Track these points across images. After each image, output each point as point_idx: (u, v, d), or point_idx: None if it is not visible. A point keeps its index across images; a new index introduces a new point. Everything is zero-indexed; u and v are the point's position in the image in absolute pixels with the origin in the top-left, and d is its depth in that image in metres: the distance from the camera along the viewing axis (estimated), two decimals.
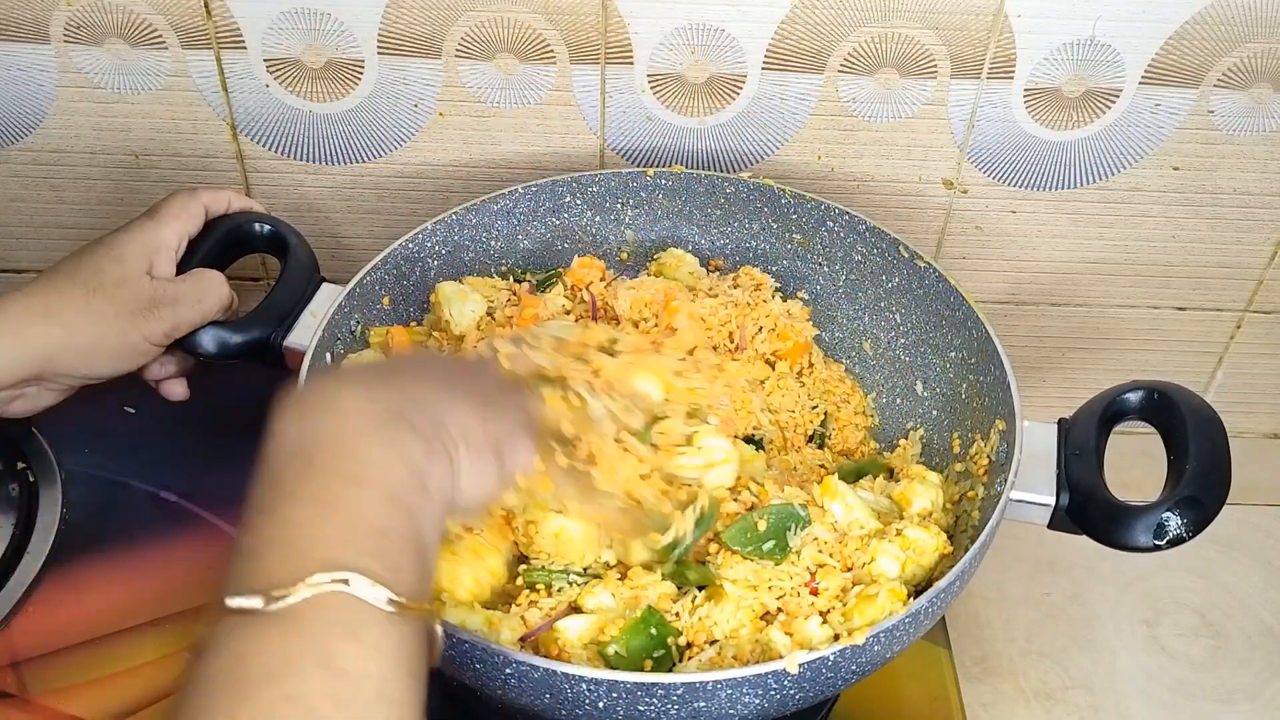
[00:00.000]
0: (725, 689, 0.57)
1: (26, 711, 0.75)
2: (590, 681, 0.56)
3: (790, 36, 0.82)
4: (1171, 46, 0.82)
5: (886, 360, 0.84)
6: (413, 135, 0.88)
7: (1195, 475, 0.66)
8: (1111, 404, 0.71)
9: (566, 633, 0.63)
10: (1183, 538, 0.65)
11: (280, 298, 0.78)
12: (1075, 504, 0.68)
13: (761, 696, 0.58)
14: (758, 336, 0.82)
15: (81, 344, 0.71)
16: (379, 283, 0.79)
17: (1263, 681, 0.84)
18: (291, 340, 0.76)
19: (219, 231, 0.79)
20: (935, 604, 0.61)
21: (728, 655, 0.63)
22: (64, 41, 0.83)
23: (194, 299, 0.74)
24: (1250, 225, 0.91)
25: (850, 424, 0.83)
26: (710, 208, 0.87)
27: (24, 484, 0.86)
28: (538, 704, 0.59)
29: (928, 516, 0.70)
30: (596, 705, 0.58)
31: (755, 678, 0.57)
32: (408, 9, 0.81)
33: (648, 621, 0.62)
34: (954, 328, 0.78)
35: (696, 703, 0.57)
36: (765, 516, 0.66)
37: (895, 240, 0.81)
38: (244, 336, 0.76)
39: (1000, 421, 0.72)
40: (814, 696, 0.61)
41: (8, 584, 0.80)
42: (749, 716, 0.60)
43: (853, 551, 0.67)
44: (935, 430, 0.80)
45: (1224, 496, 0.66)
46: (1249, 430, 1.03)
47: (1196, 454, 0.67)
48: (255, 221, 0.81)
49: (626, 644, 0.61)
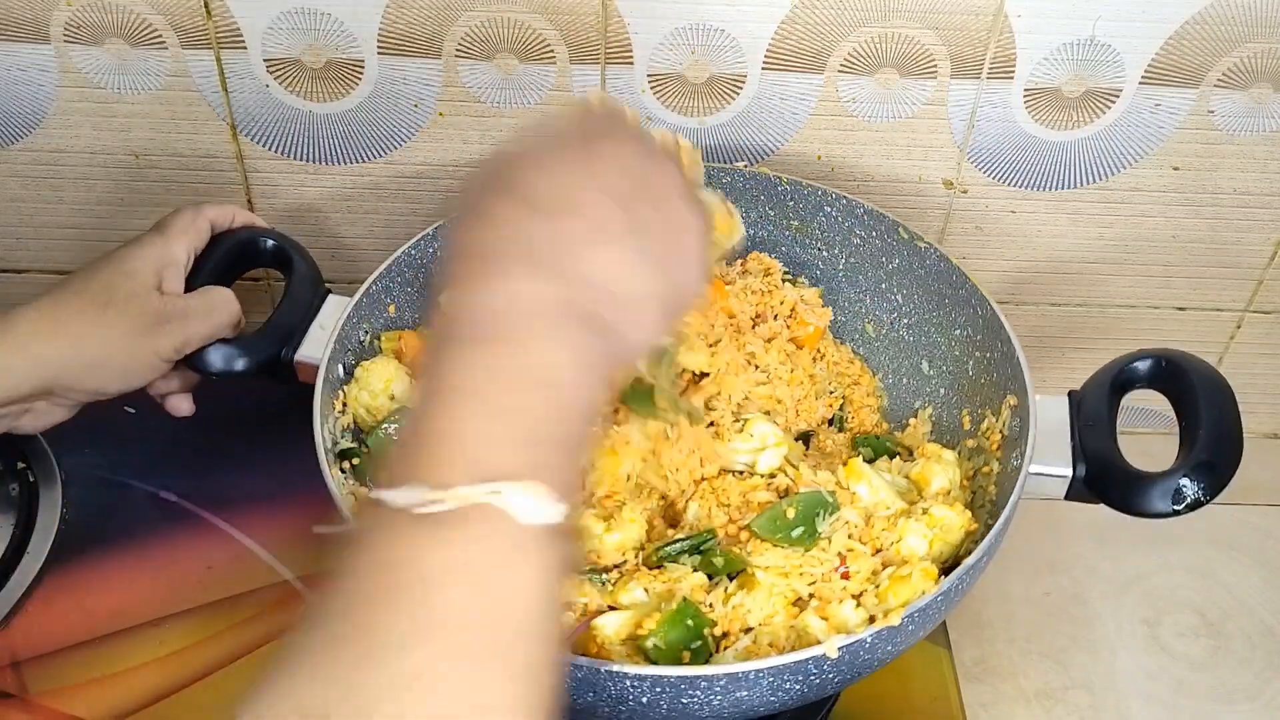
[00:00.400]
0: (767, 677, 0.57)
1: (26, 711, 0.75)
2: (634, 678, 0.57)
3: (790, 36, 0.82)
4: (1171, 46, 0.82)
5: (890, 341, 0.85)
6: (413, 135, 0.88)
7: (1208, 440, 0.67)
8: (1120, 373, 0.72)
9: (605, 630, 0.63)
10: (1200, 501, 0.66)
11: (287, 312, 0.78)
12: (1092, 474, 0.69)
13: (802, 682, 0.59)
14: (774, 323, 0.82)
15: (91, 359, 0.71)
16: (384, 290, 0.79)
17: (1263, 681, 0.84)
18: (302, 355, 0.76)
19: (224, 247, 0.79)
20: (965, 580, 0.62)
21: (763, 643, 0.63)
22: (64, 41, 0.83)
23: (204, 314, 0.74)
24: (1250, 225, 0.91)
25: (864, 406, 0.84)
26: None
27: (24, 484, 0.86)
28: (580, 703, 0.59)
29: (947, 494, 0.71)
30: (640, 700, 0.58)
31: (795, 664, 0.57)
32: (408, 9, 0.81)
33: (683, 613, 0.63)
34: (957, 306, 0.79)
35: (739, 692, 0.58)
36: (794, 504, 0.67)
37: (895, 222, 0.82)
38: (254, 354, 0.77)
39: (1011, 397, 0.72)
40: (851, 679, 0.62)
41: (8, 584, 0.80)
42: (789, 702, 0.60)
43: (880, 533, 0.68)
44: (944, 408, 0.80)
45: (1237, 460, 0.67)
46: (1249, 430, 1.01)
47: (1208, 419, 0.68)
48: (259, 236, 0.82)
49: (665, 636, 0.62)
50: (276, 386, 0.77)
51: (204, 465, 0.89)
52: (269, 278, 0.96)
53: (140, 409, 0.91)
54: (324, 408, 0.71)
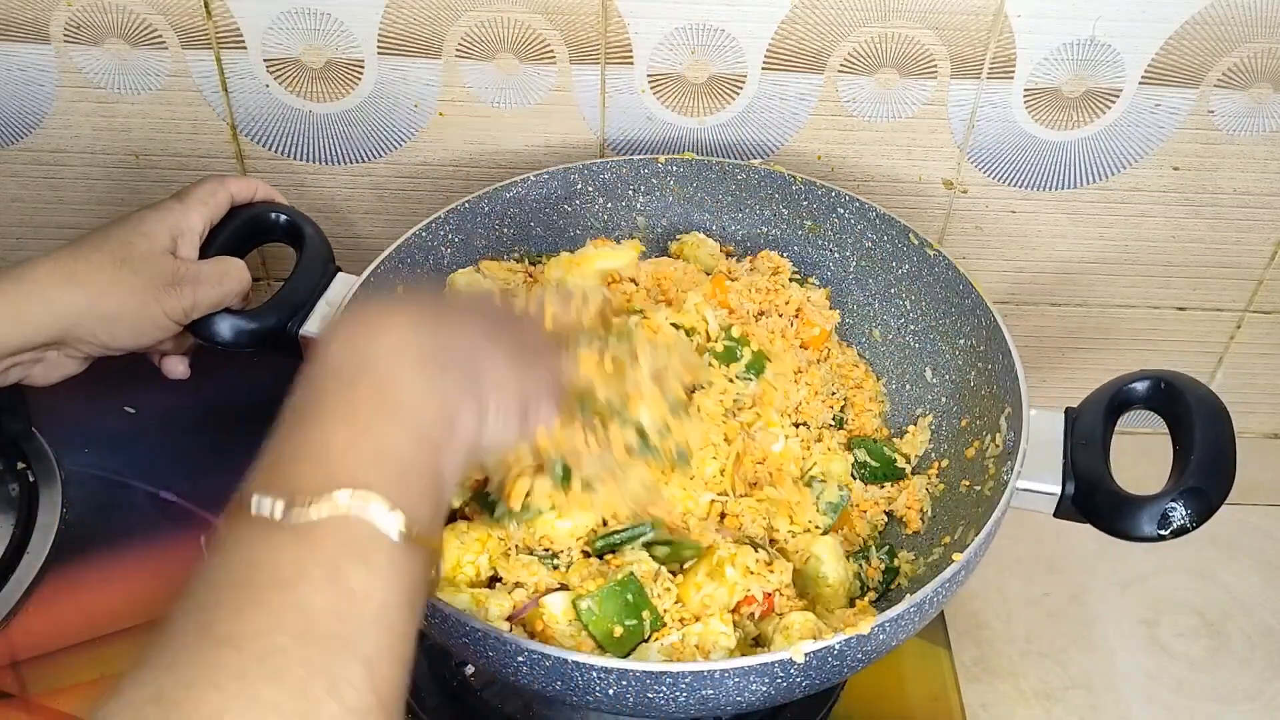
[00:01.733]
0: (733, 677, 0.57)
1: (26, 711, 0.75)
2: (600, 670, 0.57)
3: (790, 36, 0.82)
4: (1171, 46, 0.82)
5: (896, 347, 0.85)
6: (413, 135, 0.88)
7: (1200, 465, 0.66)
8: (1118, 393, 0.72)
9: (551, 608, 0.64)
10: (1187, 528, 0.65)
11: (296, 286, 0.78)
12: (1081, 493, 0.68)
13: (769, 684, 0.59)
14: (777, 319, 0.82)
15: (105, 311, 0.72)
16: (393, 271, 0.79)
17: (1263, 681, 0.84)
18: (308, 329, 0.76)
19: (238, 220, 0.80)
20: (940, 594, 0.62)
21: (690, 644, 0.63)
22: (64, 41, 0.83)
23: (215, 280, 0.75)
24: (1250, 225, 0.91)
25: (865, 410, 0.83)
26: (721, 194, 0.87)
27: (24, 484, 0.86)
28: (549, 690, 0.60)
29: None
30: (606, 692, 0.58)
31: (763, 666, 0.57)
32: (408, 9, 0.81)
33: (625, 586, 0.63)
34: (963, 315, 0.79)
35: (704, 690, 0.58)
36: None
37: (905, 228, 0.81)
38: (260, 324, 0.77)
39: (1008, 409, 0.72)
40: (820, 684, 0.62)
41: (8, 584, 0.80)
42: (756, 703, 0.61)
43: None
44: (945, 417, 0.80)
45: (1228, 487, 0.66)
46: (1249, 430, 1.03)
47: (1202, 444, 0.67)
48: (273, 211, 0.82)
49: (600, 602, 0.63)
50: (278, 387, 0.77)
51: (204, 465, 0.89)
52: (269, 277, 0.96)
53: (140, 409, 0.91)
54: None
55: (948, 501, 0.76)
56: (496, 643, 0.58)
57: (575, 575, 0.66)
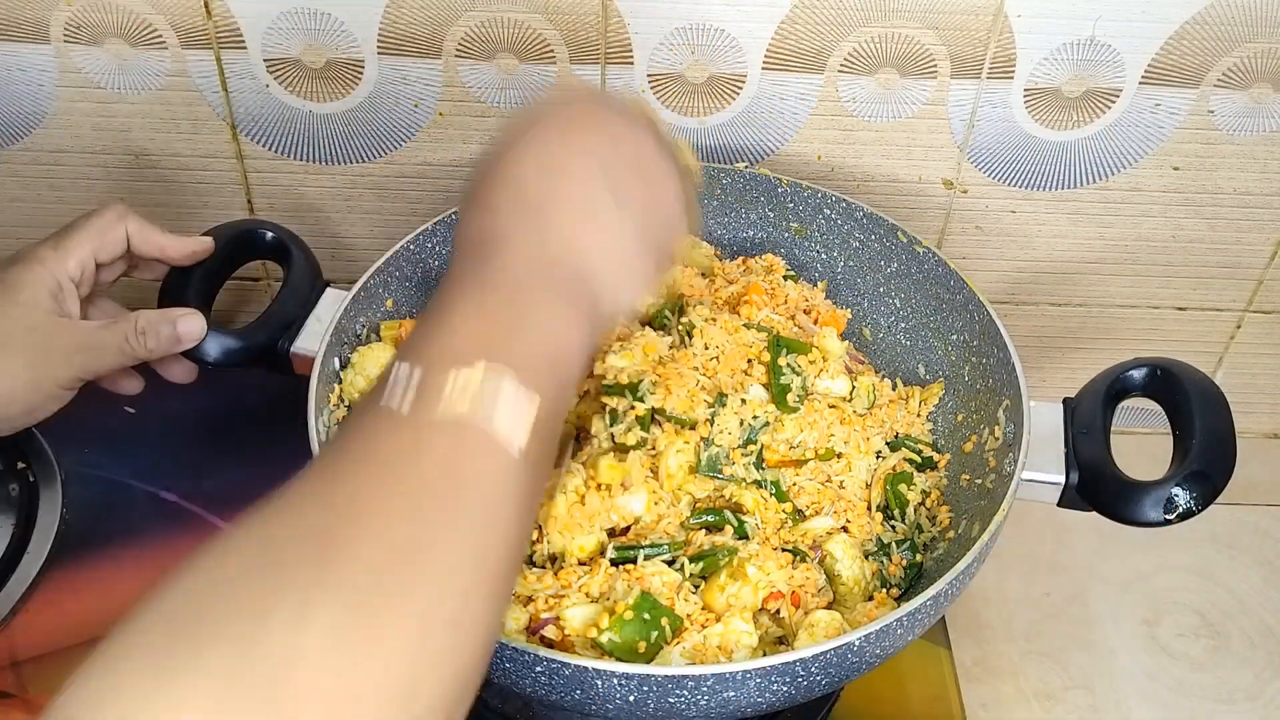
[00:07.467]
0: (754, 678, 0.57)
1: (26, 711, 0.75)
2: (621, 676, 0.57)
3: (790, 36, 0.82)
4: (1171, 46, 0.82)
5: (887, 345, 0.85)
6: (413, 135, 0.88)
7: (1202, 449, 0.67)
8: (1115, 381, 0.72)
9: (572, 621, 0.63)
10: (1192, 511, 0.66)
11: (285, 304, 0.78)
12: (1085, 481, 0.69)
13: (789, 684, 0.59)
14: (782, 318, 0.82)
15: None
16: (382, 285, 0.79)
17: (1263, 681, 0.84)
18: (299, 346, 0.76)
19: (224, 238, 0.79)
20: (955, 586, 0.62)
21: (712, 645, 0.63)
22: (64, 41, 0.83)
23: (114, 347, 0.71)
24: (1250, 225, 0.91)
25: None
26: (707, 198, 0.87)
27: (24, 484, 0.86)
28: (568, 700, 0.59)
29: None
30: (627, 699, 0.58)
31: (783, 666, 0.57)
32: (408, 9, 0.81)
33: (639, 607, 0.63)
34: (955, 311, 0.79)
35: (726, 693, 0.58)
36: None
37: (893, 226, 0.82)
38: (249, 343, 0.76)
39: (1006, 402, 0.72)
40: (839, 681, 0.62)
41: (8, 584, 0.80)
42: (777, 703, 0.61)
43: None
44: (940, 412, 0.80)
45: (1231, 469, 0.67)
46: (1249, 430, 1.03)
47: (1202, 429, 0.68)
48: (259, 228, 0.81)
49: (620, 630, 0.62)
50: (278, 387, 0.77)
51: (204, 465, 0.89)
52: (269, 277, 0.96)
53: (140, 409, 0.91)
54: (319, 401, 0.70)
55: (949, 496, 0.76)
56: (514, 654, 0.58)
57: (593, 584, 0.65)
